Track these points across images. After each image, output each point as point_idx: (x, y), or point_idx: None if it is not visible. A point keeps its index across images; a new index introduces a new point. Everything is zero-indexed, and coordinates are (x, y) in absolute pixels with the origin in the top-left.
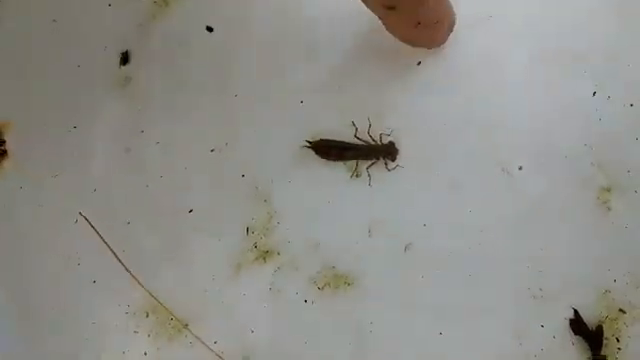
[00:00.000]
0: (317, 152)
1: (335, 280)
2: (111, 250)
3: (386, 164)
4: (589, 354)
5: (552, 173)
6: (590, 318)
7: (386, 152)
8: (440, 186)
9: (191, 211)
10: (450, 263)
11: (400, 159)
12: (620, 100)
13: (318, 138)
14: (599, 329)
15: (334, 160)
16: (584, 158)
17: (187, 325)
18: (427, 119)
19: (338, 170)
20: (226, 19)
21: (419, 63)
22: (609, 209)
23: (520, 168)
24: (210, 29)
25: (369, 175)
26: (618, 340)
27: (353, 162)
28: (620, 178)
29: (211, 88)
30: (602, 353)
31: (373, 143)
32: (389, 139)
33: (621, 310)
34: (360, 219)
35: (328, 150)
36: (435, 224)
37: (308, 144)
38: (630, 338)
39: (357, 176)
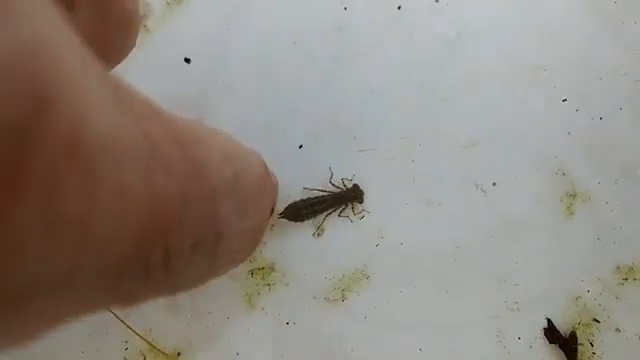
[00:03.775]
0: (290, 219)
1: (314, 302)
2: None
3: (353, 208)
4: None
5: (525, 188)
6: (564, 326)
7: (353, 196)
8: (416, 204)
9: None
10: (427, 279)
11: (374, 181)
12: (589, 113)
13: (286, 203)
14: (572, 336)
15: (307, 219)
16: (556, 172)
17: (179, 354)
18: (401, 138)
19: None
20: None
21: None
22: (580, 221)
23: (494, 184)
24: (188, 60)
25: (348, 216)
26: (592, 345)
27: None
28: (590, 190)
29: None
30: (578, 358)
31: (338, 190)
32: (352, 182)
33: (595, 319)
34: (339, 241)
35: (298, 212)
36: (412, 242)
37: (280, 215)
38: (603, 342)
39: (319, 234)
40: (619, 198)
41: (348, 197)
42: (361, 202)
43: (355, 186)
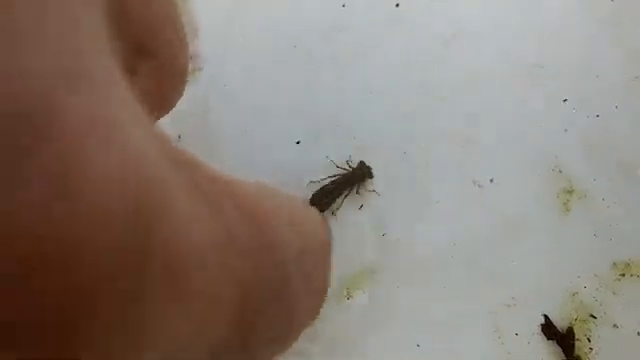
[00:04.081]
0: (317, 208)
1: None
2: None
3: (359, 188)
4: (562, 357)
5: (524, 186)
6: (562, 322)
7: (361, 174)
8: (415, 203)
9: None
10: (424, 276)
11: (373, 181)
12: (588, 112)
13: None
14: (569, 332)
15: (327, 208)
16: (553, 168)
17: None
18: (401, 138)
19: None
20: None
21: None
22: (576, 218)
23: (491, 180)
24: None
25: (359, 193)
26: (589, 340)
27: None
28: (587, 187)
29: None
30: (575, 354)
31: (346, 171)
32: (357, 160)
33: (592, 315)
34: (339, 238)
35: (322, 199)
36: (408, 238)
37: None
38: (600, 338)
39: (334, 213)
40: (615, 195)
41: (356, 176)
42: (371, 177)
43: (361, 163)
